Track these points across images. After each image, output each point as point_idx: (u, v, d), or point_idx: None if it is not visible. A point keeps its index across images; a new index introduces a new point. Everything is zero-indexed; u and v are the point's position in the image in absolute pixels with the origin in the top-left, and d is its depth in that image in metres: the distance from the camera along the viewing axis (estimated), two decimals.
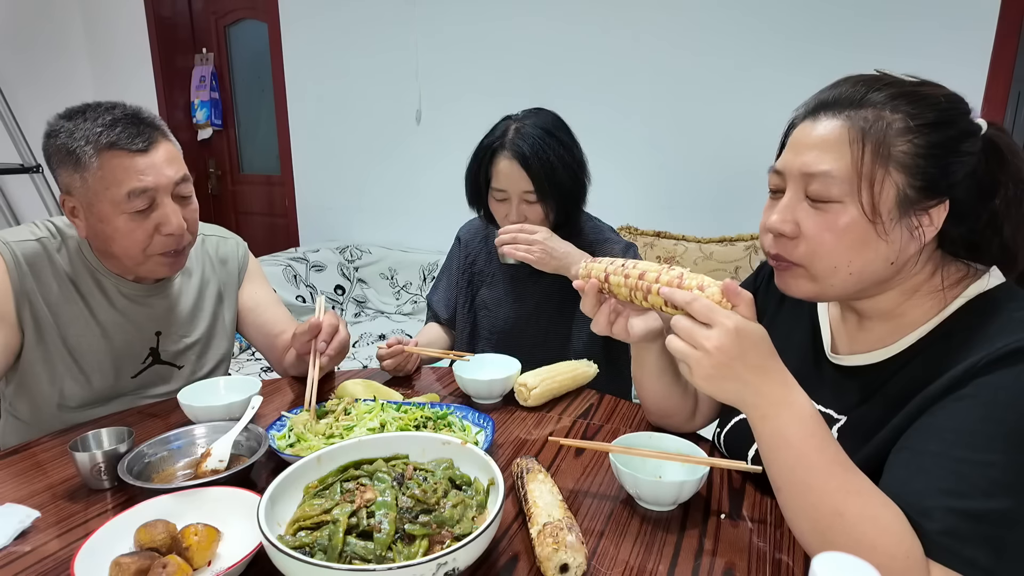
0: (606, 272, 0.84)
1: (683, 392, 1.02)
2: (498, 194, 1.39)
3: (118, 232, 1.10)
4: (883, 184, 0.70)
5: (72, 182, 1.09)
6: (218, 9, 3.85)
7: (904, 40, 2.23)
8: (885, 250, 0.72)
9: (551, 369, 1.23)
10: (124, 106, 1.12)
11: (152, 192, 1.09)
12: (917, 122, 0.70)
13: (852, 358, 0.83)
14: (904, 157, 0.70)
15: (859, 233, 0.72)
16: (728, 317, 0.67)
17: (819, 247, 0.74)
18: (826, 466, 0.67)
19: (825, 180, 0.72)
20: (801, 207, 0.75)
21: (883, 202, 0.70)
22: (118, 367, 1.23)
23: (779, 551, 0.77)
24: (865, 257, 0.73)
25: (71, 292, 1.18)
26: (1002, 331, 0.68)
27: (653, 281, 0.76)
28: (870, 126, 0.70)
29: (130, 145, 1.07)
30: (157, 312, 1.27)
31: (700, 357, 0.68)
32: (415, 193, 3.37)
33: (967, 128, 0.72)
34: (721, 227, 2.52)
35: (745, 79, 2.49)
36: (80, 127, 1.07)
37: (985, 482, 0.63)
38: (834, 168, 0.71)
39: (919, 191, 0.70)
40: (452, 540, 0.69)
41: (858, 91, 0.73)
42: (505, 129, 1.38)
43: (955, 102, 0.73)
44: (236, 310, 1.41)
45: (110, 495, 0.90)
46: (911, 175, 0.70)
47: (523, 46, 2.90)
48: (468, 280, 1.57)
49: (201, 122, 3.98)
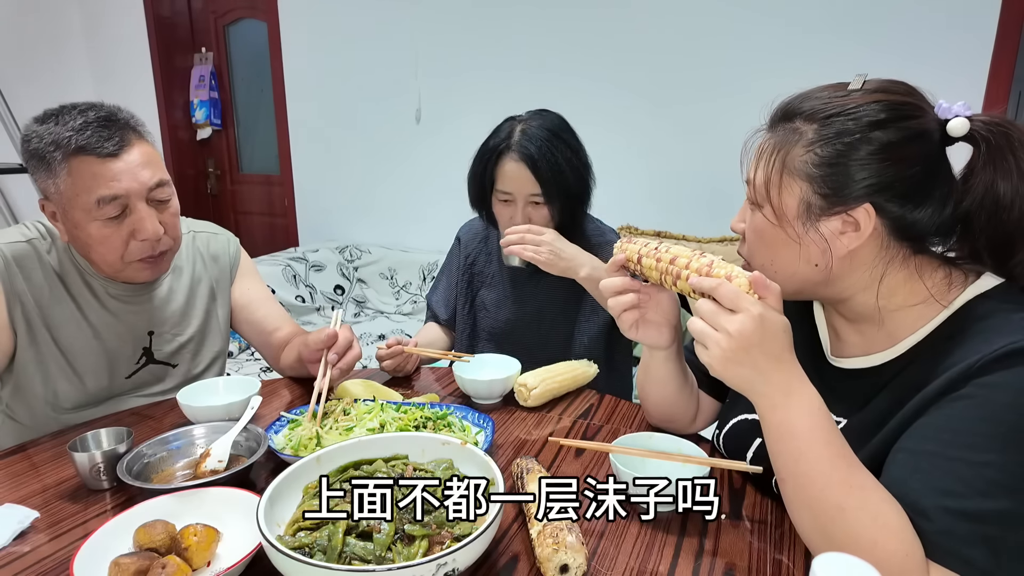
0: (639, 254, 0.87)
1: (687, 398, 1.03)
2: (503, 196, 1.38)
3: (92, 239, 1.08)
4: (782, 192, 0.77)
5: (47, 188, 1.07)
6: (217, 8, 3.85)
7: (904, 40, 2.22)
8: (803, 252, 0.77)
9: (551, 369, 1.23)
10: (100, 107, 1.09)
11: (124, 199, 1.07)
12: (823, 133, 0.74)
13: (852, 361, 0.84)
14: (805, 167, 0.75)
15: (771, 236, 0.79)
16: (754, 304, 0.68)
17: (750, 246, 0.84)
18: (831, 459, 0.67)
19: (752, 187, 0.81)
20: (748, 210, 0.84)
21: (787, 209, 0.77)
22: (111, 367, 1.23)
23: (779, 551, 0.77)
24: (784, 258, 0.79)
25: (62, 293, 1.17)
26: (999, 332, 0.68)
27: (684, 267, 0.78)
28: (783, 140, 0.77)
29: (99, 149, 1.04)
30: (148, 312, 1.26)
31: (720, 339, 0.69)
32: (415, 193, 3.37)
33: (902, 135, 0.72)
34: (721, 227, 2.52)
35: (745, 79, 2.49)
36: (51, 131, 1.04)
37: (982, 482, 0.63)
38: (755, 176, 0.80)
39: (825, 199, 0.74)
40: (452, 540, 0.69)
41: (795, 103, 0.78)
42: (510, 131, 1.36)
43: (895, 107, 0.72)
44: (229, 307, 1.40)
45: (109, 495, 0.90)
46: (814, 183, 0.74)
47: (523, 45, 2.90)
48: (468, 281, 1.57)
49: (200, 122, 3.98)
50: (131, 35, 3.93)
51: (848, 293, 0.80)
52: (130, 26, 3.92)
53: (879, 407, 0.77)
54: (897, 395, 0.75)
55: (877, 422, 0.76)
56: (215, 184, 4.12)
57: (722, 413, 1.02)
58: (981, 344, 0.68)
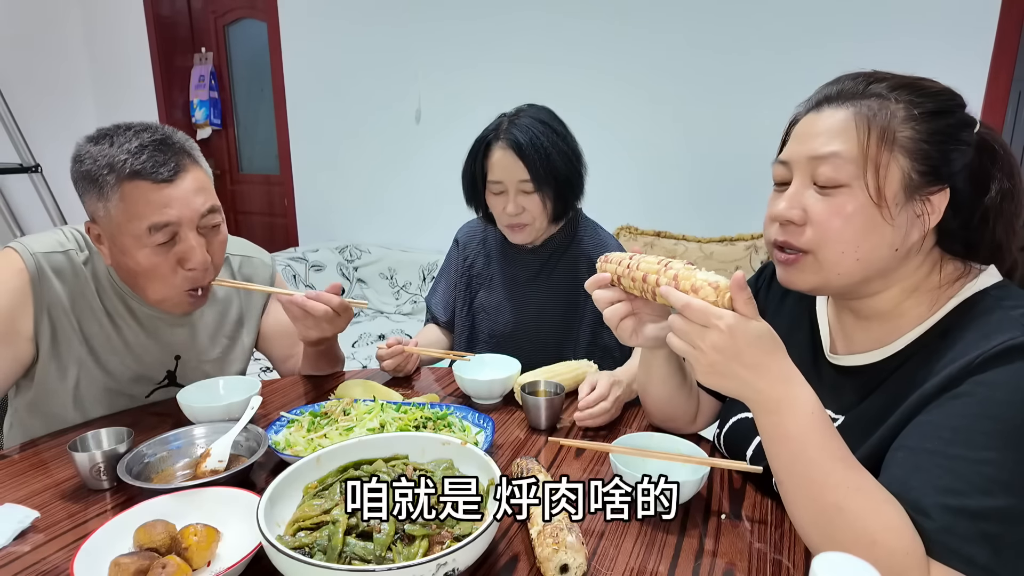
0: (617, 274, 0.86)
1: (687, 397, 1.03)
2: (495, 186, 1.38)
3: (140, 266, 1.05)
4: (888, 168, 0.71)
5: (96, 210, 1.04)
6: (217, 8, 3.85)
7: (905, 41, 2.23)
8: (891, 235, 0.73)
9: (551, 369, 1.23)
10: (155, 129, 1.06)
11: (175, 226, 1.04)
12: (920, 109, 0.72)
13: (850, 358, 0.83)
14: (908, 142, 0.71)
15: (866, 217, 0.72)
16: (721, 318, 0.68)
17: (827, 232, 0.74)
18: (828, 461, 0.67)
19: (834, 162, 0.73)
20: (808, 194, 0.76)
21: (889, 186, 0.71)
22: (135, 386, 1.21)
23: (779, 552, 0.77)
24: (871, 242, 0.73)
25: (100, 307, 1.14)
26: (998, 329, 0.68)
27: (654, 284, 0.78)
28: (875, 113, 0.72)
29: (154, 175, 1.01)
30: (180, 336, 1.23)
31: (697, 356, 0.71)
32: (415, 192, 3.37)
33: (964, 119, 0.74)
34: (721, 227, 2.53)
35: (745, 78, 2.49)
36: (104, 153, 1.01)
37: (982, 480, 0.63)
38: (843, 149, 0.72)
39: (923, 176, 0.72)
40: (452, 540, 0.69)
41: (859, 84, 0.75)
42: (499, 123, 1.39)
43: (951, 95, 0.75)
44: (256, 333, 1.37)
45: (109, 495, 0.90)
46: (915, 159, 0.71)
47: (523, 45, 2.90)
48: (467, 283, 1.56)
49: (200, 122, 3.98)
50: (131, 35, 3.94)
51: (891, 284, 0.78)
52: (130, 26, 3.93)
53: (877, 404, 0.77)
54: (895, 392, 0.75)
55: (875, 419, 0.76)
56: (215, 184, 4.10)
57: (722, 412, 1.02)
58: (980, 341, 0.68)
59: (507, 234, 1.43)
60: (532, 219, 1.38)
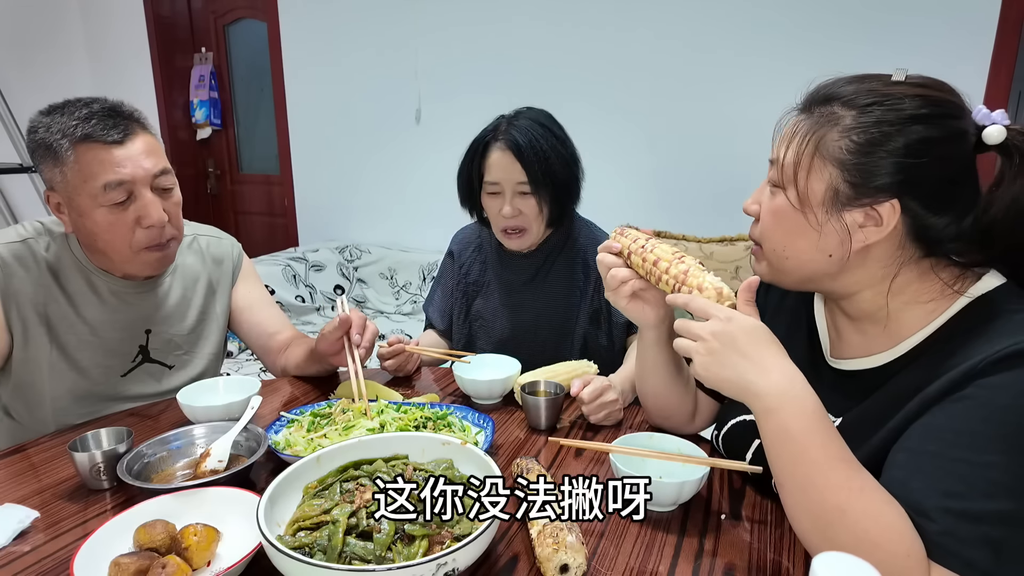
0: (629, 249, 0.92)
1: (683, 389, 1.03)
2: (491, 187, 1.38)
3: (99, 226, 1.10)
4: (811, 176, 0.75)
5: (53, 177, 1.10)
6: (217, 8, 3.85)
7: (905, 40, 2.23)
8: (819, 241, 0.76)
9: (551, 369, 1.23)
10: (104, 100, 1.13)
11: (129, 184, 1.09)
12: (862, 120, 0.72)
13: (852, 362, 0.83)
14: (839, 152, 0.73)
15: (791, 220, 0.77)
16: (721, 310, 0.74)
17: (764, 227, 0.82)
18: (829, 462, 0.67)
19: (776, 167, 0.79)
20: (765, 191, 0.83)
21: (812, 194, 0.75)
22: (108, 365, 1.23)
23: (779, 552, 0.77)
24: (798, 245, 0.78)
25: (59, 292, 1.18)
26: (1002, 333, 0.67)
27: (664, 271, 0.85)
28: (821, 122, 0.75)
29: (105, 137, 1.07)
30: (146, 309, 1.26)
31: (698, 347, 0.75)
32: (414, 192, 3.37)
33: (942, 134, 0.71)
34: (721, 227, 2.52)
35: (745, 78, 2.49)
36: (57, 121, 1.08)
37: (984, 483, 0.63)
38: (784, 157, 0.78)
39: (853, 188, 0.73)
40: (452, 540, 0.69)
41: (835, 88, 0.76)
42: (497, 124, 1.38)
43: (937, 104, 0.71)
44: (228, 307, 1.40)
45: (109, 495, 0.90)
46: (845, 171, 0.73)
47: (522, 45, 2.90)
48: (463, 291, 1.55)
49: (200, 121, 3.98)
50: (131, 35, 3.93)
51: (855, 288, 0.79)
52: (130, 26, 3.92)
53: (877, 406, 0.77)
54: (897, 395, 0.74)
55: (875, 421, 0.76)
56: (215, 184, 4.11)
57: (721, 414, 1.02)
58: (983, 345, 0.68)
59: (503, 241, 1.43)
60: (528, 223, 1.37)
